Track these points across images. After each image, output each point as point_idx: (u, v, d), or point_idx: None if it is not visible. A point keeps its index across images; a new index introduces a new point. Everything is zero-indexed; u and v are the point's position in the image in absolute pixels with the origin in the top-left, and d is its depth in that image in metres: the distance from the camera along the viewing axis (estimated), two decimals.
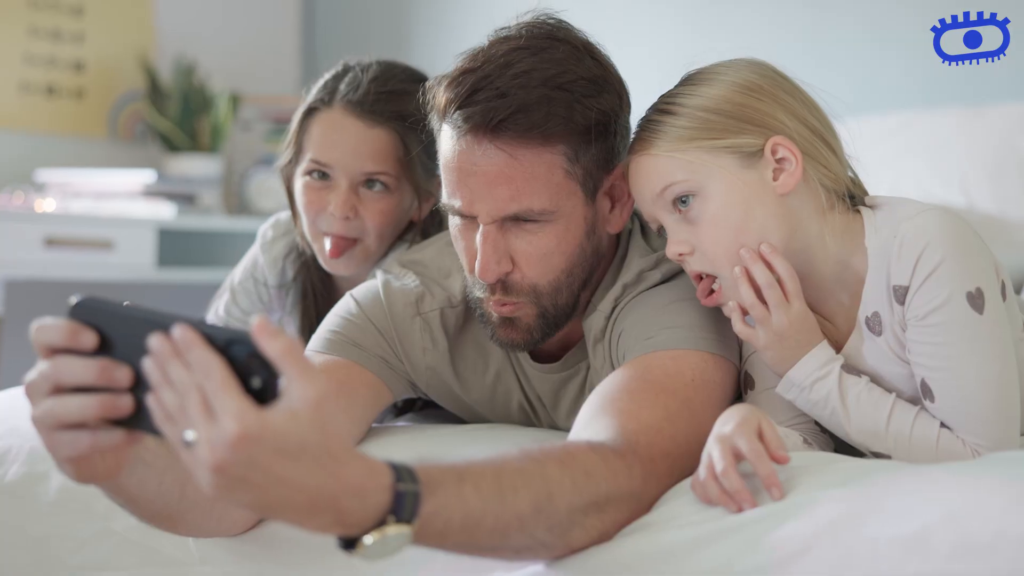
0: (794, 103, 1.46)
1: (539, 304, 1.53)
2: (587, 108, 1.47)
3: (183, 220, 3.69)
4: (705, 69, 1.49)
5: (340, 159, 1.90)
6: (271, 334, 1.00)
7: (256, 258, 2.12)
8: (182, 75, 4.05)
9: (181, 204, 3.72)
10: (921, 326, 1.38)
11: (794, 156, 1.43)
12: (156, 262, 3.60)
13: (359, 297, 1.67)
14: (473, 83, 1.45)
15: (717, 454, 1.24)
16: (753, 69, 1.47)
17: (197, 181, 3.88)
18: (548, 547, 1.21)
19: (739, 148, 1.43)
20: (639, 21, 3.75)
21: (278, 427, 0.99)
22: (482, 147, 1.45)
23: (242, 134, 4.38)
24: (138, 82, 4.12)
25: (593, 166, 1.50)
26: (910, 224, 1.39)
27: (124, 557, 1.56)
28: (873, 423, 1.39)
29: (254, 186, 4.18)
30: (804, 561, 1.12)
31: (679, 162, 1.43)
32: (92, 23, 4.10)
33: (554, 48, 1.49)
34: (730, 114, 1.43)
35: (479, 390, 1.69)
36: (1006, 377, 1.38)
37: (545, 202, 1.47)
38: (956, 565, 1.05)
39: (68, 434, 1.08)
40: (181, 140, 4.00)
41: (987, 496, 1.11)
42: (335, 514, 1.03)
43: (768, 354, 1.44)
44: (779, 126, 1.44)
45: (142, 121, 4.13)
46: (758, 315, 1.42)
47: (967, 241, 1.39)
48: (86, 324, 1.08)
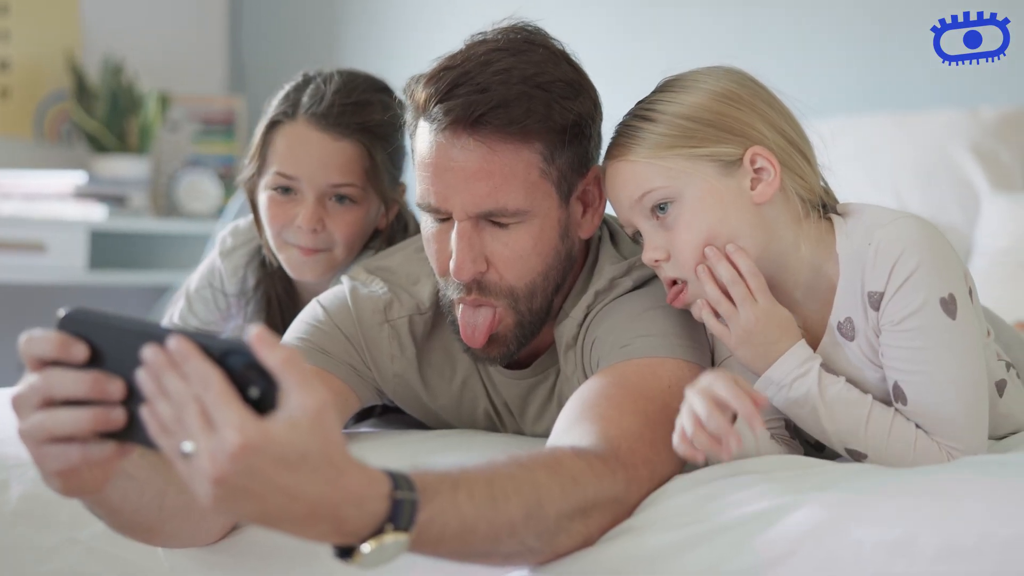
0: (772, 113, 1.47)
1: (516, 309, 1.53)
2: (564, 109, 1.49)
3: (114, 222, 3.65)
4: (682, 76, 1.50)
5: (306, 172, 1.89)
6: (270, 344, 1.00)
7: (214, 265, 2.11)
8: (110, 74, 4.00)
9: (112, 206, 3.68)
10: (896, 331, 1.40)
11: (772, 166, 1.44)
12: (88, 264, 3.56)
13: (326, 304, 1.66)
14: (453, 79, 1.46)
15: (698, 402, 1.27)
16: (731, 77, 1.48)
17: (127, 183, 3.84)
18: (535, 552, 1.21)
19: (718, 156, 1.44)
20: (572, 26, 3.77)
21: (279, 437, 0.99)
22: (460, 141, 1.46)
23: (170, 135, 4.34)
24: (64, 81, 4.06)
25: (568, 168, 1.52)
26: (884, 231, 1.41)
27: (90, 567, 1.54)
28: (852, 422, 1.40)
29: (183, 188, 4.14)
30: (790, 564, 1.14)
31: (658, 169, 1.44)
32: (17, 21, 4.03)
33: (532, 51, 1.50)
34: (710, 122, 1.44)
35: (446, 397, 1.69)
36: (977, 382, 1.41)
37: (521, 201, 1.48)
38: (942, 567, 1.08)
39: (58, 447, 1.07)
40: (109, 141, 3.95)
41: (970, 500, 1.14)
42: (334, 523, 1.03)
43: (740, 352, 1.45)
44: (758, 136, 1.45)
45: (69, 121, 4.08)
46: (724, 311, 1.44)
47: (940, 248, 1.42)
48: (76, 336, 1.07)
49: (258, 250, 2.05)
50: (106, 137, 3.95)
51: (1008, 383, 1.57)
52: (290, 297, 2.05)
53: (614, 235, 1.64)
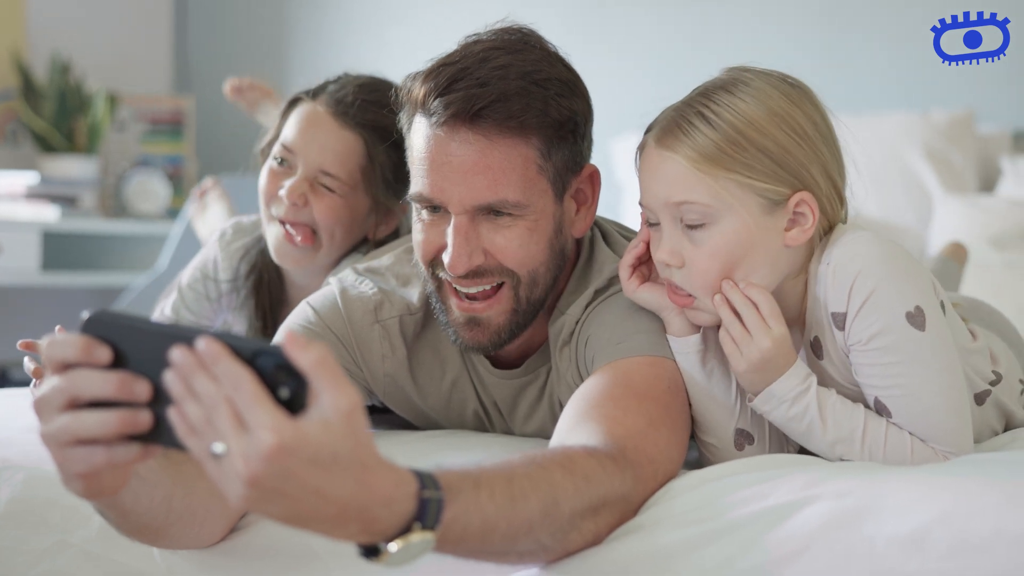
0: (827, 155, 1.44)
1: (516, 294, 1.54)
2: (561, 107, 1.51)
3: (67, 223, 3.61)
4: (747, 76, 1.46)
5: (304, 148, 1.95)
6: (302, 345, 1.00)
7: (207, 256, 2.15)
8: (57, 73, 3.96)
9: (64, 207, 3.64)
10: (866, 350, 1.41)
11: (812, 215, 1.42)
12: (41, 265, 3.52)
13: (316, 305, 1.66)
14: (452, 74, 1.48)
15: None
16: (798, 98, 1.45)
17: (77, 183, 3.80)
18: (548, 551, 1.22)
19: (767, 194, 1.41)
20: None
21: (313, 437, 0.99)
22: (460, 135, 1.47)
23: (117, 135, 4.30)
24: (10, 80, 4.01)
25: (563, 165, 1.53)
26: (840, 251, 1.42)
27: (83, 570, 1.52)
28: (849, 432, 1.42)
29: (132, 188, 4.11)
30: (803, 561, 1.15)
31: (706, 185, 1.41)
32: None
33: (529, 50, 1.52)
34: (769, 153, 1.41)
35: (435, 396, 1.69)
36: (956, 386, 1.42)
37: (519, 195, 1.49)
38: (955, 563, 1.10)
39: (83, 450, 1.06)
40: (57, 141, 3.91)
41: (979, 497, 1.16)
42: (363, 522, 1.04)
43: (748, 377, 1.44)
44: (810, 182, 1.42)
45: (15, 120, 4.03)
46: (737, 335, 1.43)
47: (898, 263, 1.42)
48: (99, 338, 1.06)
49: (256, 243, 2.09)
50: (54, 137, 3.90)
51: (988, 397, 1.59)
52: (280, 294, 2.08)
53: (606, 235, 1.66)
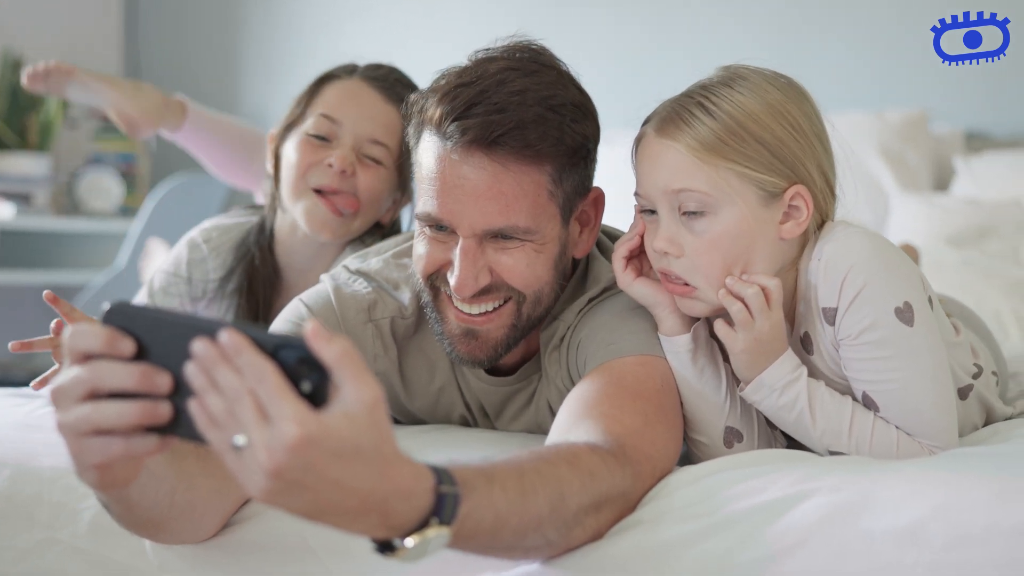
0: (821, 151, 1.48)
1: (518, 311, 1.55)
2: (575, 132, 1.51)
3: (20, 220, 3.57)
4: (746, 72, 1.49)
5: (352, 118, 1.98)
6: (326, 338, 1.01)
7: (181, 258, 2.13)
8: (9, 70, 3.92)
9: (19, 204, 3.61)
10: (855, 345, 1.44)
11: (807, 208, 1.46)
12: None
13: (310, 302, 1.66)
14: (470, 97, 1.47)
15: None
16: (795, 95, 1.48)
17: (31, 180, 3.77)
18: (552, 546, 1.24)
19: (765, 185, 1.44)
20: None
21: (337, 430, 1.00)
22: (474, 160, 1.47)
23: (69, 132, 4.26)
24: None
25: (572, 190, 1.54)
26: (832, 247, 1.45)
27: (72, 566, 1.51)
28: (837, 424, 1.45)
29: (84, 186, 4.07)
30: (801, 554, 1.18)
31: (705, 173, 1.44)
32: None
33: (544, 72, 1.52)
34: (767, 145, 1.44)
35: (423, 399, 1.71)
36: (942, 382, 1.46)
37: (529, 221, 1.50)
38: (952, 555, 1.12)
39: (100, 440, 1.06)
40: (9, 138, 3.87)
41: (971, 491, 1.18)
42: (381, 516, 1.04)
43: (743, 358, 1.47)
44: (805, 175, 1.46)
45: None
46: (742, 320, 1.45)
47: (889, 259, 1.45)
48: (121, 330, 1.06)
49: (246, 236, 2.09)
50: (6, 134, 3.86)
51: (971, 392, 1.63)
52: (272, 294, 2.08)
53: (603, 249, 1.68)
